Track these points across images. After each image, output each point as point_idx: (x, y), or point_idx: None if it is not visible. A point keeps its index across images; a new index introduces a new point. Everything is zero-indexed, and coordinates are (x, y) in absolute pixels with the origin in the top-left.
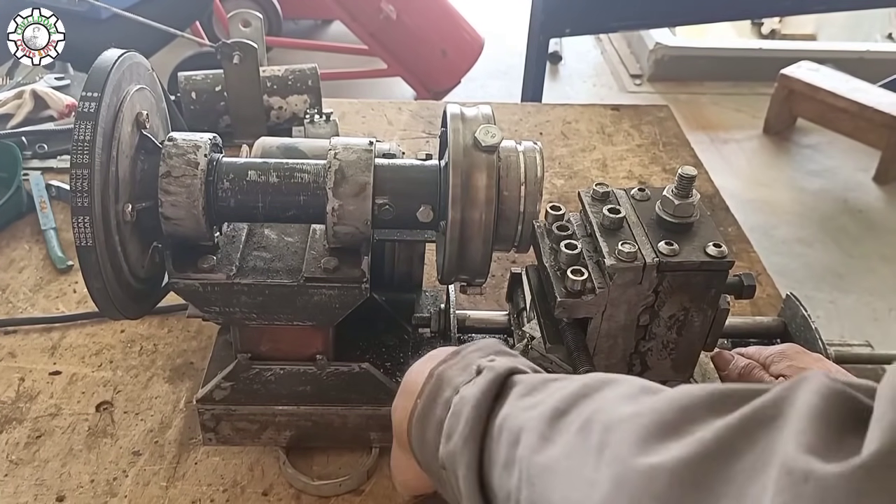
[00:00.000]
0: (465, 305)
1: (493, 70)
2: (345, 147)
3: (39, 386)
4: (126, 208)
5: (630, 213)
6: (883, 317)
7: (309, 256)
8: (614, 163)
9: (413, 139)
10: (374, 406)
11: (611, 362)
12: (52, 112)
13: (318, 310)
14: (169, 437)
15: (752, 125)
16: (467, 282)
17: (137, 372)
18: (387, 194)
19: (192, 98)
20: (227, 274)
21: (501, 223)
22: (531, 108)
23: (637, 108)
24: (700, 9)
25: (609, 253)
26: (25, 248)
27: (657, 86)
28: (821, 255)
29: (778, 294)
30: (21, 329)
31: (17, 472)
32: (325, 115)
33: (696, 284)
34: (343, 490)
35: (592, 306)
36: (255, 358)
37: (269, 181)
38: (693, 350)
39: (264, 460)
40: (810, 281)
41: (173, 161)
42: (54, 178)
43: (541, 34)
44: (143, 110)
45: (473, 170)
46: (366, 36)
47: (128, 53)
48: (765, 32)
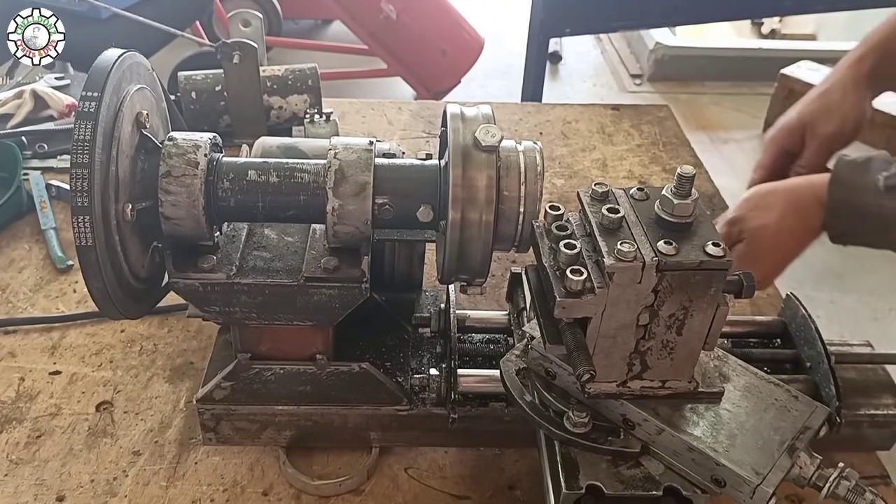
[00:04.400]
0: (465, 305)
1: (493, 70)
2: (345, 147)
3: (39, 386)
4: (126, 208)
5: (629, 212)
6: (883, 316)
7: (309, 256)
8: (614, 163)
9: (413, 139)
10: (374, 406)
11: (610, 362)
12: (52, 112)
13: (318, 310)
14: (169, 437)
15: (752, 125)
16: (467, 282)
17: (137, 372)
18: (387, 194)
19: (192, 98)
20: (227, 274)
21: (501, 223)
22: (531, 108)
23: (637, 108)
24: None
25: (608, 253)
26: (25, 248)
27: (657, 86)
28: (821, 255)
29: (778, 294)
30: (21, 329)
31: (17, 472)
32: (325, 115)
33: (695, 284)
34: (343, 490)
35: (592, 306)
36: (255, 358)
37: (269, 181)
38: (693, 350)
39: (264, 460)
40: (810, 281)
41: (173, 161)
42: (54, 177)
43: (541, 34)
44: (143, 110)
45: (473, 170)
46: (366, 36)
47: (128, 53)
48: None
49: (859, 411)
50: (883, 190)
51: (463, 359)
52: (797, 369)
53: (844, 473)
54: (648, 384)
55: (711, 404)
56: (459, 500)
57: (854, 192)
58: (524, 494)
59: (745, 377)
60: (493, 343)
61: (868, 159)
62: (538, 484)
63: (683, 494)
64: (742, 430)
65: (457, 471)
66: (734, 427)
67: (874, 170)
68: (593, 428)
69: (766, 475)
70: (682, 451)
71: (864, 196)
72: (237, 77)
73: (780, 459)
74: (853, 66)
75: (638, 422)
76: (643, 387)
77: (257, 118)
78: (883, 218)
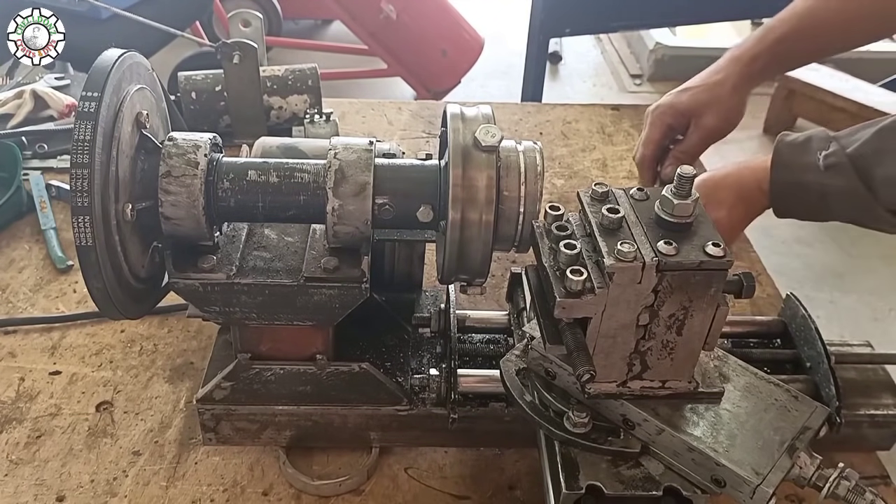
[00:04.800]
0: (465, 305)
1: (493, 70)
2: (345, 147)
3: (39, 386)
4: (126, 208)
5: (629, 212)
6: (883, 317)
7: (309, 256)
8: (614, 163)
9: (413, 139)
10: (374, 406)
11: (610, 362)
12: (52, 112)
13: (318, 310)
14: (169, 437)
15: (752, 125)
16: (467, 282)
17: (137, 372)
18: (387, 194)
19: (192, 98)
20: (227, 274)
21: (501, 223)
22: (531, 108)
23: (637, 108)
24: (700, 9)
25: (608, 253)
26: (25, 248)
27: (657, 86)
28: (821, 255)
29: (778, 294)
30: (21, 329)
31: (17, 472)
32: (325, 115)
33: (695, 284)
34: (343, 490)
35: (592, 306)
36: (255, 358)
37: (269, 181)
38: (692, 350)
39: (264, 460)
40: (810, 281)
41: (173, 161)
42: (54, 178)
43: (541, 34)
44: (143, 110)
45: (473, 170)
46: (366, 36)
47: (128, 53)
48: None
49: (859, 411)
50: (823, 169)
51: (463, 359)
52: (797, 369)
53: (844, 473)
54: (648, 384)
55: (711, 404)
56: (459, 500)
57: (796, 173)
58: (524, 494)
59: (745, 377)
60: (493, 343)
61: (808, 138)
62: (538, 484)
63: (683, 494)
64: (742, 430)
65: (457, 471)
66: (734, 427)
67: (813, 149)
68: (593, 428)
69: (766, 475)
70: (682, 451)
71: (806, 175)
72: (237, 77)
73: (780, 459)
74: (747, 65)
75: (638, 422)
76: (643, 387)
77: (257, 118)
78: (824, 196)
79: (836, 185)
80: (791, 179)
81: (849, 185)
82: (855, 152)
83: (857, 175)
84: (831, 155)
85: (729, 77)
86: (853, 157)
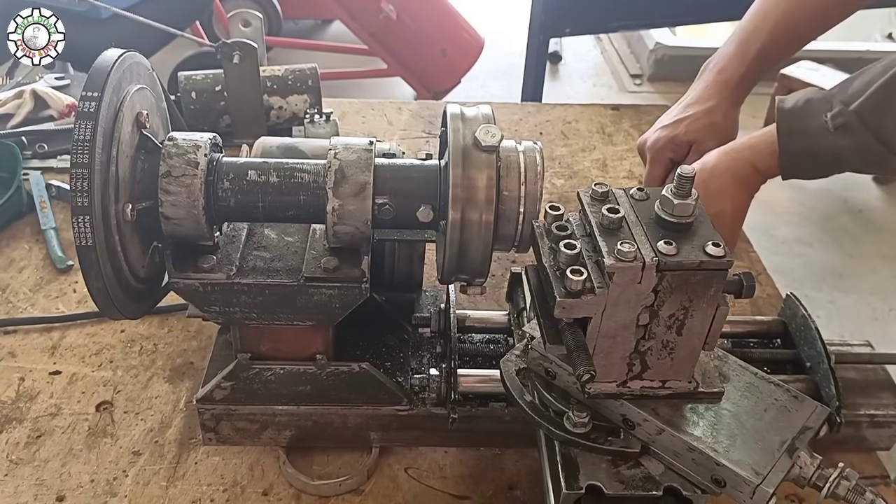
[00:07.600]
0: (465, 305)
1: (493, 70)
2: (345, 147)
3: (39, 386)
4: (126, 208)
5: (629, 212)
6: (883, 317)
7: (309, 256)
8: (614, 163)
9: (413, 139)
10: (374, 406)
11: (610, 362)
12: (52, 112)
13: (318, 310)
14: (169, 437)
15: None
16: (467, 282)
17: (137, 372)
18: (387, 194)
19: (192, 98)
20: (227, 274)
21: (501, 223)
22: (531, 107)
23: (637, 108)
24: (700, 9)
25: (608, 253)
26: (25, 248)
27: (657, 86)
28: (821, 255)
29: (778, 294)
30: (21, 329)
31: (17, 472)
32: (325, 115)
33: (695, 284)
34: (343, 490)
35: (592, 306)
36: (255, 358)
37: (269, 181)
38: (693, 350)
39: (264, 460)
40: (810, 281)
41: (173, 161)
42: (54, 177)
43: (541, 34)
44: (143, 110)
45: (473, 170)
46: (366, 36)
47: (128, 53)
48: None
49: (859, 411)
50: (832, 130)
51: (463, 359)
52: (797, 369)
53: (844, 473)
54: (648, 384)
55: (711, 404)
56: (459, 500)
57: (806, 139)
58: (524, 494)
59: (744, 377)
60: (493, 343)
61: (806, 101)
62: (538, 484)
63: (683, 494)
64: (742, 430)
65: (457, 471)
66: (734, 427)
67: (816, 112)
68: (593, 428)
69: (766, 475)
70: (682, 451)
71: (817, 140)
72: (237, 77)
73: (780, 459)
74: (735, 89)
75: (638, 422)
76: (643, 387)
77: (257, 118)
78: (837, 155)
79: (849, 144)
80: (802, 145)
81: (861, 142)
82: (860, 108)
83: (867, 130)
84: (838, 115)
85: (720, 103)
86: (860, 112)
